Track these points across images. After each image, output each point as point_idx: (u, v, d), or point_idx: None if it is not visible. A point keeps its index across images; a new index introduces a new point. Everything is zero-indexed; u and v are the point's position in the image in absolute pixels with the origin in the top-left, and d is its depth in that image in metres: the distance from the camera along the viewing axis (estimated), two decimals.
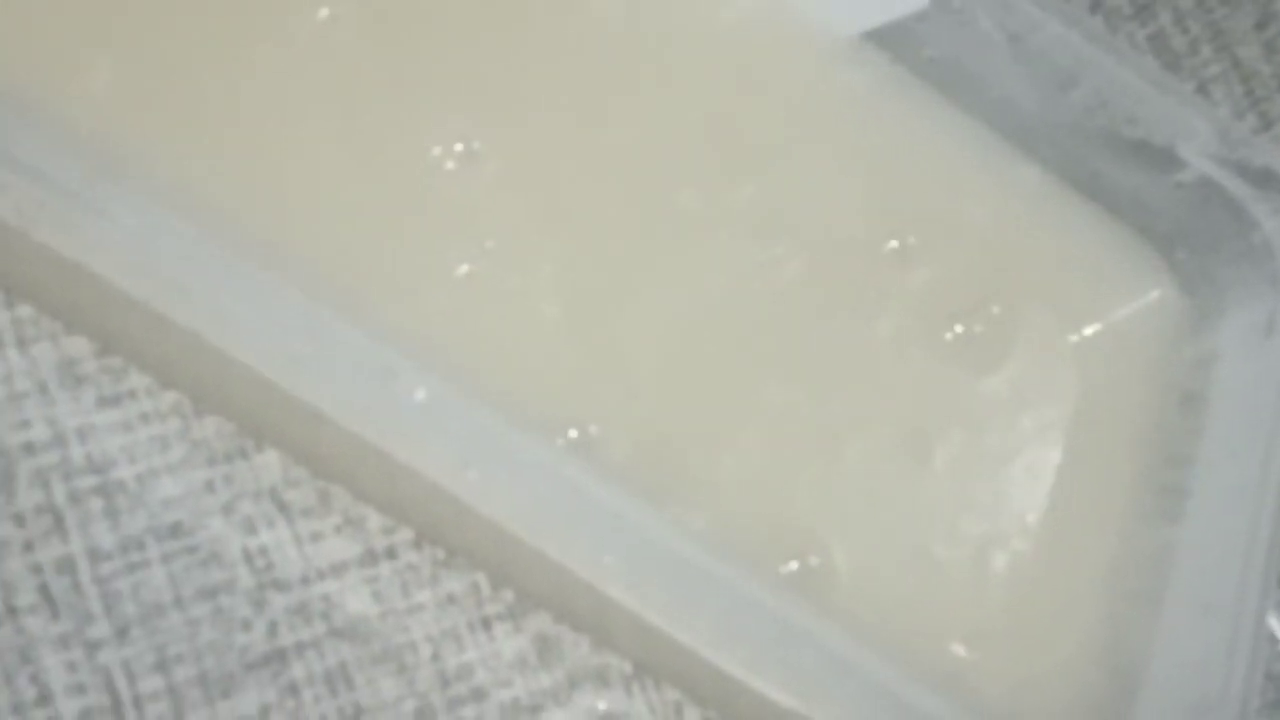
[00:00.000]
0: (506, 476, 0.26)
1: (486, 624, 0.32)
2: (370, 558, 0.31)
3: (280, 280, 0.26)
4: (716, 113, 0.34)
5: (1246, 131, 0.35)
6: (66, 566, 0.29)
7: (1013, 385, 0.35)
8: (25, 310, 0.30)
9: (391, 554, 0.31)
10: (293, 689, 0.30)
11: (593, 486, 0.27)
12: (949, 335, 0.35)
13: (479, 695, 0.31)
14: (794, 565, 0.32)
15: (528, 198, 0.32)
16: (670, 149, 0.33)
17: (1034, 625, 0.34)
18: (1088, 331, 0.36)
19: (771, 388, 0.33)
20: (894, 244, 0.35)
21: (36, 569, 0.29)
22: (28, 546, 0.29)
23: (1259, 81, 0.42)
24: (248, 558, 0.30)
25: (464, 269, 0.31)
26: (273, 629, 0.30)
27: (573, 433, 0.31)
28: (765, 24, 0.35)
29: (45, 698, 0.29)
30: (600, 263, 0.32)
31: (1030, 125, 0.36)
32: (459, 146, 0.32)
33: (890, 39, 0.35)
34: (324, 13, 0.32)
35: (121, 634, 0.29)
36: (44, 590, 0.29)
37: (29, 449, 0.30)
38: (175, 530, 0.30)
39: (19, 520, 0.29)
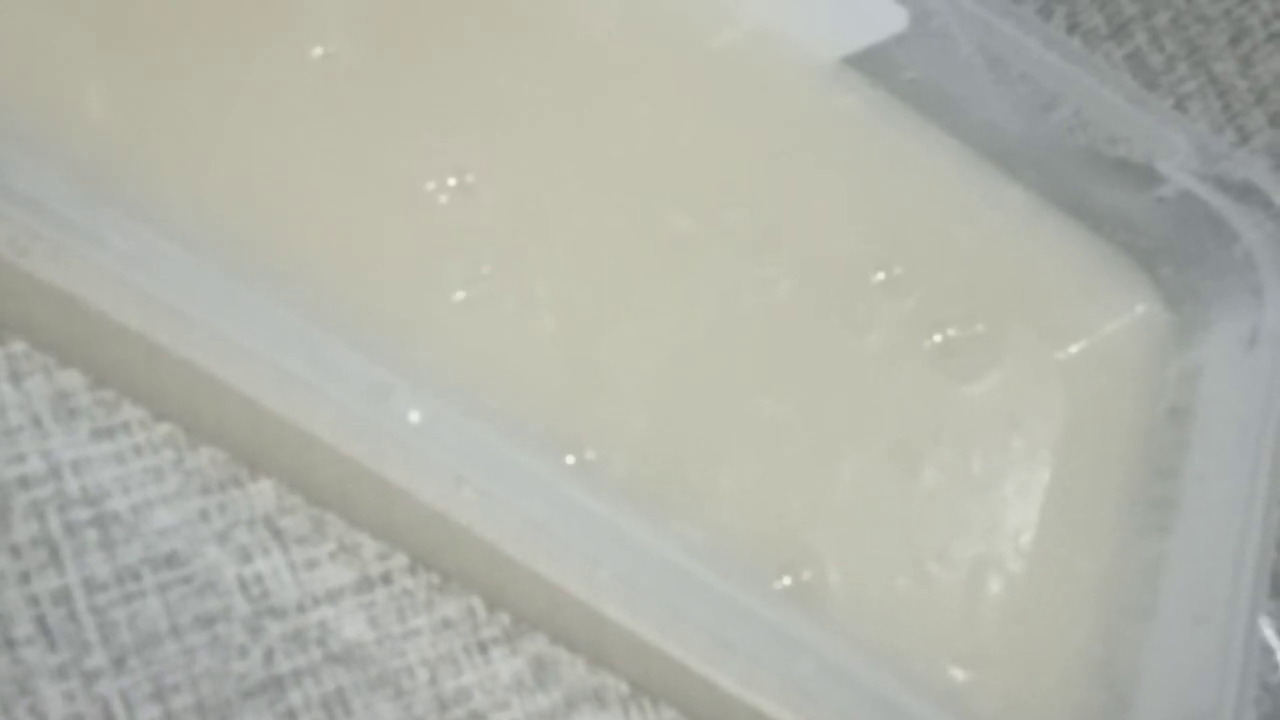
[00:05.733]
0: (501, 495, 0.26)
1: (483, 647, 0.32)
2: (366, 584, 0.31)
3: (276, 305, 0.26)
4: (706, 138, 0.34)
5: (1225, 145, 0.36)
6: (63, 597, 0.29)
7: (1001, 403, 0.36)
8: (18, 345, 0.30)
9: (387, 579, 0.31)
10: (290, 715, 0.30)
11: (587, 503, 0.27)
12: (936, 355, 0.35)
13: (477, 718, 0.31)
14: (787, 580, 0.32)
15: (522, 223, 0.32)
16: (662, 172, 0.34)
17: (1027, 642, 0.34)
18: (1074, 348, 0.37)
19: (765, 406, 0.33)
20: (880, 275, 0.35)
21: (33, 600, 0.29)
22: (24, 578, 0.29)
23: (1235, 96, 0.42)
24: (243, 586, 0.30)
25: (460, 294, 0.31)
26: (269, 656, 0.30)
27: (569, 459, 0.31)
28: (752, 50, 0.35)
29: None
30: (594, 285, 0.32)
31: (1012, 145, 0.36)
32: (452, 180, 0.32)
33: (871, 62, 0.35)
34: (319, 49, 0.32)
35: (119, 664, 0.29)
36: (41, 621, 0.29)
37: (24, 482, 0.30)
38: (170, 560, 0.30)
39: (15, 552, 0.29)
